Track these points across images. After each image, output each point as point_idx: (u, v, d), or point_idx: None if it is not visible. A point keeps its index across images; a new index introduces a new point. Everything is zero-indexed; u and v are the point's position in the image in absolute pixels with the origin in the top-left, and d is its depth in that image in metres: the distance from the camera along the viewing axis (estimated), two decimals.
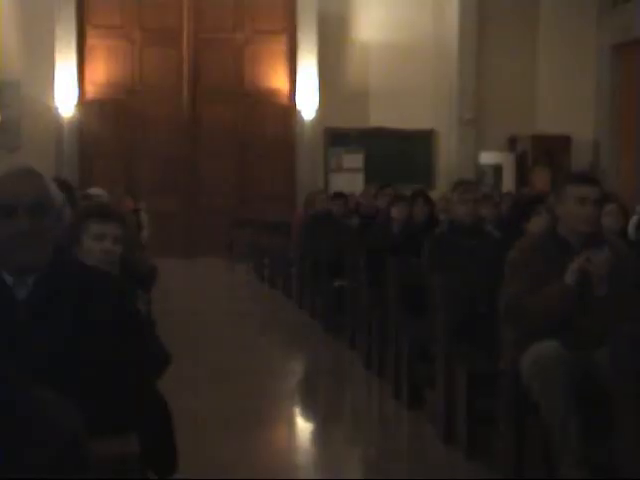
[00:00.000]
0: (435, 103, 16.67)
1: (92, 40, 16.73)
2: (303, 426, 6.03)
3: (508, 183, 16.14)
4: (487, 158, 16.59)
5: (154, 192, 15.96)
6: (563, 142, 16.29)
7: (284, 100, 17.13)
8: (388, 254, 6.53)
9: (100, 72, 16.80)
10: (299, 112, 16.79)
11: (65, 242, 2.86)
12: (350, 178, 16.34)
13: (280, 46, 17.17)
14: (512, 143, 16.68)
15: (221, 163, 16.90)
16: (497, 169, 16.58)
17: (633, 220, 7.71)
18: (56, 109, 16.11)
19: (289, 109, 16.99)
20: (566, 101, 16.23)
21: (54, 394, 1.53)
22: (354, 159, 16.88)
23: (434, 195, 9.49)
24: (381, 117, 16.58)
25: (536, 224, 4.80)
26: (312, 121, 16.70)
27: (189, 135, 16.95)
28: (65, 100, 16.14)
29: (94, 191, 7.31)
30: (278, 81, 17.20)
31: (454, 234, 5.91)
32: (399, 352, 5.98)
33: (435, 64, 16.66)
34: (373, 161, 16.59)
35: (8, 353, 2.20)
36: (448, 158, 16.80)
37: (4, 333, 2.25)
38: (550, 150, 16.17)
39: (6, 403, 1.46)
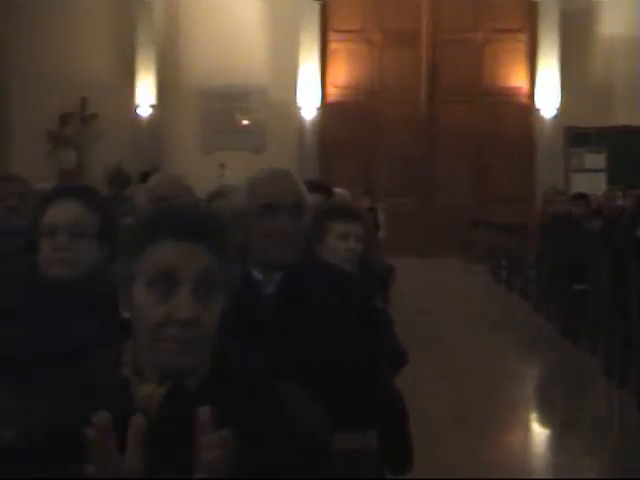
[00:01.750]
0: None
1: (334, 44, 17.19)
2: (539, 431, 5.89)
3: None
4: None
5: (391, 192, 16.12)
6: None
7: (523, 99, 16.79)
8: (633, 256, 6.24)
9: (341, 75, 17.23)
10: (538, 111, 16.39)
11: (310, 241, 2.97)
12: (592, 179, 15.74)
13: (520, 44, 16.84)
14: None
15: (458, 163, 16.81)
16: None
17: None
18: (299, 112, 16.69)
19: (528, 108, 16.63)
20: None
21: (300, 390, 1.58)
22: (596, 159, 16.25)
23: None
24: (627, 115, 15.85)
25: None
26: (552, 120, 16.25)
27: (426, 135, 17.00)
28: (308, 103, 16.69)
29: (338, 191, 7.49)
30: (517, 80, 16.88)
31: None
32: None
33: None
34: (616, 161, 15.89)
35: (253, 348, 2.32)
36: None
37: (251, 327, 2.36)
38: None
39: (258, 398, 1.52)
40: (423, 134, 16.97)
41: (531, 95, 16.61)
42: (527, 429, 5.97)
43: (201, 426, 1.33)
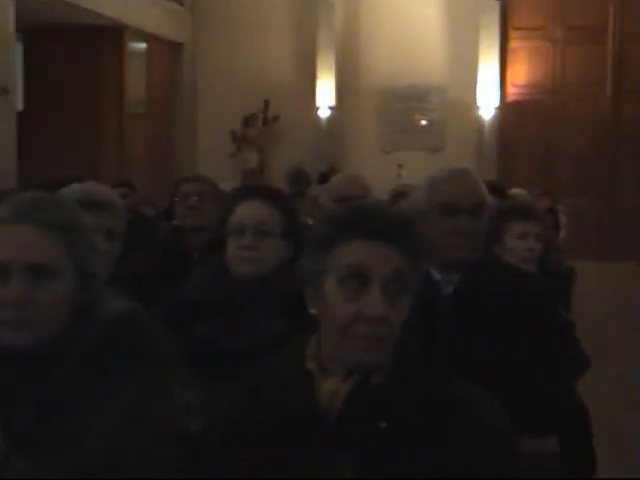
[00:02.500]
0: None
1: (514, 42, 16.88)
2: None
3: None
4: None
5: (571, 192, 15.67)
6: None
7: None
8: None
9: (521, 73, 16.90)
10: None
11: (488, 241, 2.94)
12: None
13: None
14: None
15: None
16: None
17: None
18: (478, 111, 16.50)
19: None
20: None
21: (483, 391, 1.57)
22: None
23: None
24: None
25: None
26: None
27: (610, 134, 16.39)
28: (487, 102, 16.47)
29: (515, 191, 7.37)
30: None
31: None
32: None
33: None
34: None
35: (431, 345, 2.32)
36: None
37: (430, 327, 2.35)
38: None
39: (437, 394, 1.52)
40: (607, 133, 16.37)
41: None
42: None
43: None
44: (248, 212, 2.51)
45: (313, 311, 1.55)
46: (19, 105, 14.15)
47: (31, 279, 1.59)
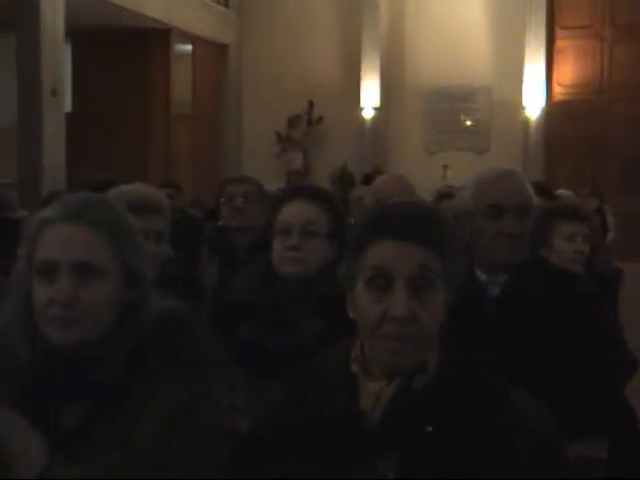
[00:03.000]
0: None
1: (561, 42, 16.72)
2: None
3: None
4: None
5: (619, 193, 15.47)
6: None
7: None
8: None
9: (568, 73, 16.73)
10: None
11: (535, 243, 2.92)
12: None
13: None
14: None
15: None
16: None
17: None
18: (524, 112, 16.37)
19: None
20: None
21: (528, 394, 1.56)
22: None
23: None
24: None
25: None
26: None
27: None
28: (533, 102, 16.34)
29: (562, 192, 7.29)
30: None
31: None
32: None
33: None
34: None
35: (474, 346, 2.30)
36: None
37: (476, 328, 2.32)
38: None
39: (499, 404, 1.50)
40: None
41: None
42: None
43: None
44: (295, 212, 2.51)
45: (351, 315, 1.54)
46: (68, 107, 14.35)
47: (78, 278, 1.61)
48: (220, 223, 4.39)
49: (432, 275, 1.46)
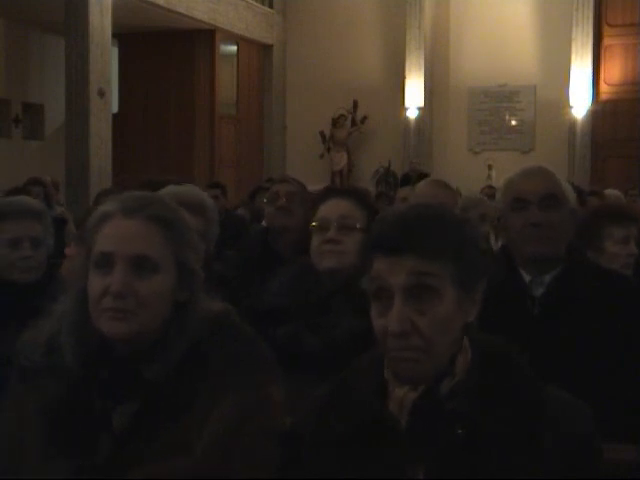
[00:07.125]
0: None
1: (608, 40, 16.51)
2: None
3: None
4: None
5: None
6: None
7: None
8: None
9: (615, 71, 16.52)
10: None
11: (582, 244, 2.90)
12: None
13: None
14: None
15: None
16: None
17: None
18: (570, 111, 16.21)
19: None
20: None
21: (568, 394, 1.54)
22: None
23: None
24: None
25: None
26: None
27: None
28: (579, 101, 16.17)
29: (609, 192, 7.21)
30: None
31: None
32: None
33: None
34: None
35: (520, 346, 2.29)
36: None
37: (519, 326, 2.31)
38: None
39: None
40: None
41: None
42: None
43: None
44: (331, 208, 2.57)
45: None
46: (114, 107, 14.53)
47: (134, 271, 1.62)
48: (263, 223, 4.41)
49: (433, 280, 1.45)
